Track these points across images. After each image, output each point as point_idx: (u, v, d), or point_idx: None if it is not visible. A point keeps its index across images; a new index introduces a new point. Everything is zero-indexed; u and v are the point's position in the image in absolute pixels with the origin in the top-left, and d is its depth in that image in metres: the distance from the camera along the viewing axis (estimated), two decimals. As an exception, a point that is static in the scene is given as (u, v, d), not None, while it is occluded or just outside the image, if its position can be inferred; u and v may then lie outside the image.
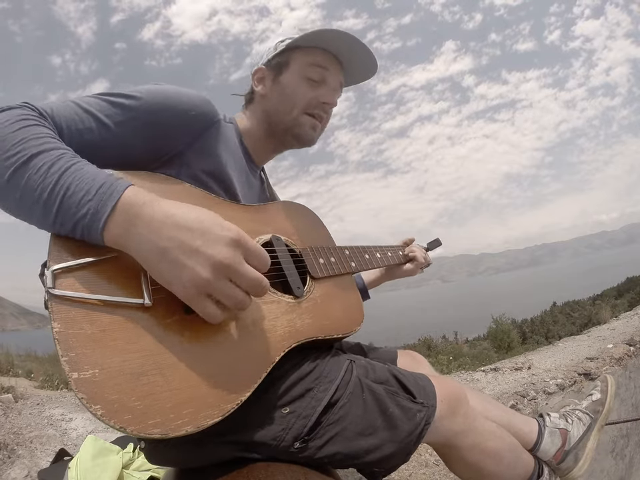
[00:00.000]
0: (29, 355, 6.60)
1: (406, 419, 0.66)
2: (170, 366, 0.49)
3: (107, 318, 0.48)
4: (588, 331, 3.54)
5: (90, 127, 0.61)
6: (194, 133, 0.71)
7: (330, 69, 0.85)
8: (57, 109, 0.60)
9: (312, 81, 0.84)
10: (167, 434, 0.46)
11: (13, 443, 1.89)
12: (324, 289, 0.80)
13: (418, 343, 12.17)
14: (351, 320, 0.80)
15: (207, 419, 0.49)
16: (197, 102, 0.70)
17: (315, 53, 0.83)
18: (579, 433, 0.90)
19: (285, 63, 0.85)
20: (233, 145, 0.81)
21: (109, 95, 0.65)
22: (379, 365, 0.76)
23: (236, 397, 0.53)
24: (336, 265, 0.86)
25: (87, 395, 0.43)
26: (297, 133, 0.86)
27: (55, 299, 0.47)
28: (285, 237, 0.81)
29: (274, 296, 0.69)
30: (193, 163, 0.72)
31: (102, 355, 0.46)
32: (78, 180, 0.50)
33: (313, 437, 0.62)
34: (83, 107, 0.62)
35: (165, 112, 0.66)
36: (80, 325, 0.46)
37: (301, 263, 0.79)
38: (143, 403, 0.45)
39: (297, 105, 0.84)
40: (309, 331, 0.69)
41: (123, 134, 0.64)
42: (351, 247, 0.96)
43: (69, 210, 0.49)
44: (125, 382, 0.45)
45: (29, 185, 0.49)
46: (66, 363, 0.44)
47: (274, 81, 0.86)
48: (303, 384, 0.66)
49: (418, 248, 1.19)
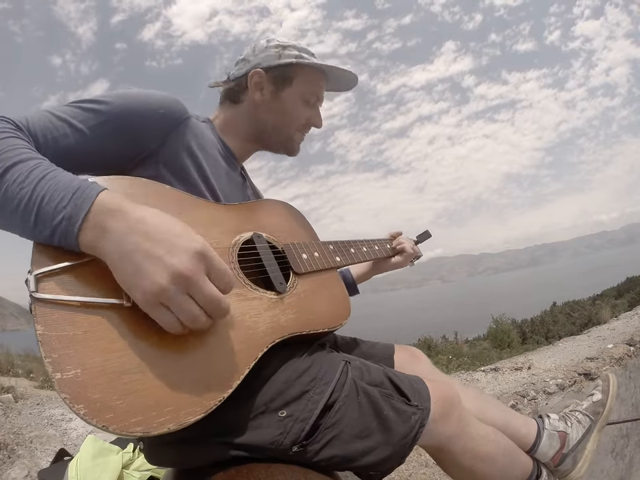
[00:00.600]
0: (29, 354, 6.60)
1: (401, 422, 0.66)
2: (151, 364, 0.50)
3: (88, 319, 0.49)
4: (588, 331, 3.54)
5: (65, 134, 0.64)
6: (164, 131, 0.73)
7: (322, 94, 0.93)
8: (31, 119, 0.62)
9: (308, 103, 0.90)
10: (149, 432, 0.46)
11: (12, 443, 1.89)
12: (308, 284, 0.80)
13: (418, 342, 12.15)
14: (337, 314, 0.80)
15: (189, 416, 0.49)
16: (164, 101, 0.73)
17: (316, 80, 0.90)
18: (577, 436, 0.90)
19: (289, 80, 0.87)
20: (208, 141, 0.82)
21: (81, 102, 0.68)
22: (374, 366, 0.75)
23: (217, 393, 0.53)
24: (320, 259, 0.86)
25: (70, 395, 0.44)
26: (288, 147, 0.94)
27: (38, 302, 0.47)
28: (267, 234, 0.81)
29: (256, 292, 0.69)
30: (167, 161, 0.73)
31: (84, 355, 0.47)
32: (54, 188, 0.51)
33: (311, 441, 0.62)
34: (56, 115, 0.64)
35: (134, 113, 0.69)
36: (62, 326, 0.47)
37: (284, 259, 0.79)
38: (125, 402, 0.46)
39: (294, 125, 0.91)
40: (293, 326, 0.69)
41: (97, 137, 0.67)
42: (335, 241, 0.97)
43: (46, 217, 0.50)
44: (106, 381, 0.46)
45: (7, 195, 0.51)
46: (49, 364, 0.44)
47: (273, 95, 0.88)
48: (299, 385, 0.66)
49: (406, 240, 1.18)
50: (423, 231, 1.30)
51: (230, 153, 0.88)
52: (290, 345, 0.70)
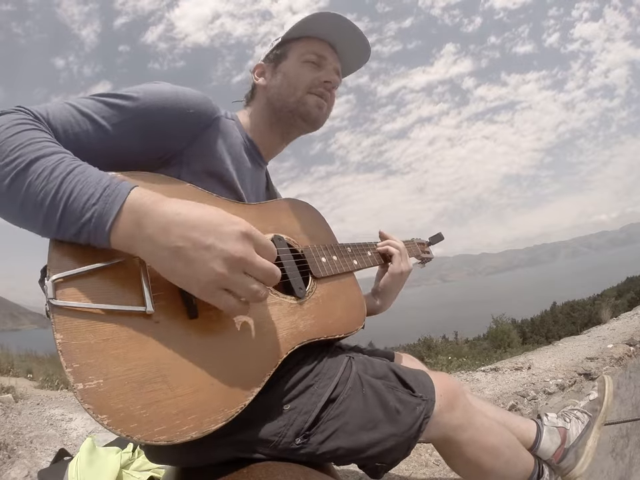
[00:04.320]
0: (29, 354, 6.59)
1: (406, 413, 0.67)
2: (173, 373, 0.50)
3: (110, 327, 0.48)
4: (588, 331, 3.54)
5: (87, 130, 0.61)
6: (193, 132, 0.70)
7: (326, 53, 0.87)
8: (52, 111, 0.59)
9: (311, 64, 0.85)
10: (173, 440, 0.46)
11: (13, 443, 1.89)
12: (326, 288, 0.80)
13: (418, 342, 12.16)
14: (353, 319, 0.80)
15: (212, 424, 0.49)
16: (195, 100, 0.70)
17: (310, 42, 0.86)
18: (577, 431, 0.91)
19: (283, 54, 0.87)
20: (236, 141, 0.80)
21: (106, 95, 0.64)
22: (377, 360, 0.77)
23: (239, 401, 0.53)
24: (338, 263, 0.86)
25: (94, 406, 0.43)
26: (303, 112, 0.85)
27: (56, 310, 0.46)
28: (287, 236, 0.80)
29: (276, 298, 0.69)
30: (193, 162, 0.71)
31: (106, 364, 0.46)
32: (81, 184, 0.49)
33: (314, 432, 0.62)
34: (79, 109, 0.61)
35: (162, 112, 0.66)
36: (83, 335, 0.46)
37: (303, 263, 0.79)
38: (149, 411, 0.46)
39: (300, 86, 0.85)
40: (311, 331, 0.70)
41: (121, 135, 0.63)
42: (352, 244, 0.96)
43: (73, 214, 0.49)
44: (129, 391, 0.46)
45: (31, 190, 0.49)
46: (70, 374, 0.44)
47: (274, 71, 0.87)
48: (304, 382, 0.67)
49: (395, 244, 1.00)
50: (436, 233, 1.30)
51: (256, 151, 0.88)
52: (304, 349, 0.70)
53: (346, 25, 0.84)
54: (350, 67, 0.95)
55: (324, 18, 0.82)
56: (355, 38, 0.87)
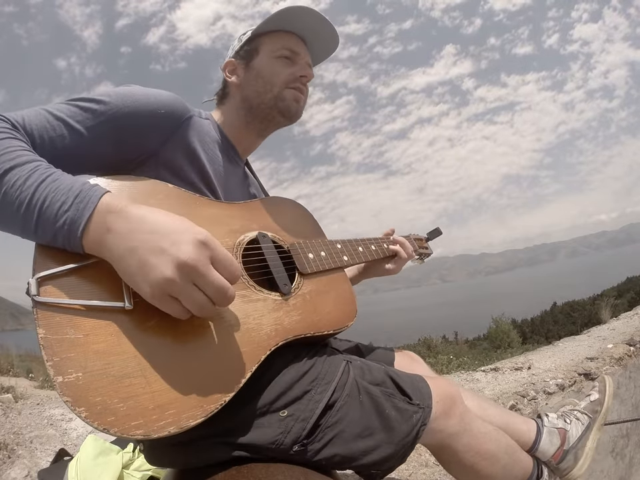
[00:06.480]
0: (29, 354, 6.59)
1: (402, 421, 0.66)
2: (152, 368, 0.50)
3: (90, 322, 0.50)
4: (588, 331, 3.54)
5: (62, 134, 0.62)
6: (166, 132, 0.72)
7: (298, 48, 0.87)
8: (28, 118, 0.61)
9: (285, 59, 0.86)
10: (150, 435, 0.46)
11: (13, 443, 1.89)
12: (314, 284, 0.79)
13: (418, 342, 12.15)
14: (343, 315, 0.78)
15: (190, 419, 0.49)
16: (166, 100, 0.71)
17: (280, 36, 0.86)
18: (577, 433, 0.90)
19: (254, 50, 0.87)
20: (211, 139, 0.81)
21: (79, 100, 0.66)
22: (375, 365, 0.75)
23: (219, 397, 0.53)
24: (326, 259, 0.84)
25: (72, 398, 0.44)
26: (282, 108, 0.86)
27: (39, 306, 0.48)
28: (272, 233, 0.80)
29: (260, 294, 0.68)
30: (169, 161, 0.72)
31: (85, 358, 0.47)
32: (54, 191, 0.51)
33: (311, 440, 0.62)
34: (53, 114, 0.63)
35: (134, 113, 0.67)
36: (64, 330, 0.48)
37: (289, 259, 0.78)
38: (126, 405, 0.46)
39: (276, 83, 0.85)
40: (297, 328, 0.69)
41: (95, 138, 0.65)
42: (343, 240, 0.95)
43: (48, 221, 0.50)
44: (107, 384, 0.46)
45: (6, 199, 0.51)
46: (51, 367, 0.45)
47: (247, 68, 0.87)
48: (300, 386, 0.66)
49: (405, 240, 1.07)
50: (434, 228, 1.27)
51: (232, 148, 0.88)
52: (293, 346, 0.69)
53: (315, 18, 0.84)
54: (319, 58, 0.96)
55: (294, 11, 0.82)
56: (324, 30, 0.88)
